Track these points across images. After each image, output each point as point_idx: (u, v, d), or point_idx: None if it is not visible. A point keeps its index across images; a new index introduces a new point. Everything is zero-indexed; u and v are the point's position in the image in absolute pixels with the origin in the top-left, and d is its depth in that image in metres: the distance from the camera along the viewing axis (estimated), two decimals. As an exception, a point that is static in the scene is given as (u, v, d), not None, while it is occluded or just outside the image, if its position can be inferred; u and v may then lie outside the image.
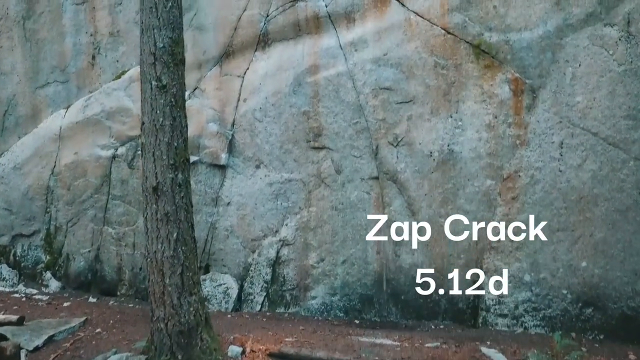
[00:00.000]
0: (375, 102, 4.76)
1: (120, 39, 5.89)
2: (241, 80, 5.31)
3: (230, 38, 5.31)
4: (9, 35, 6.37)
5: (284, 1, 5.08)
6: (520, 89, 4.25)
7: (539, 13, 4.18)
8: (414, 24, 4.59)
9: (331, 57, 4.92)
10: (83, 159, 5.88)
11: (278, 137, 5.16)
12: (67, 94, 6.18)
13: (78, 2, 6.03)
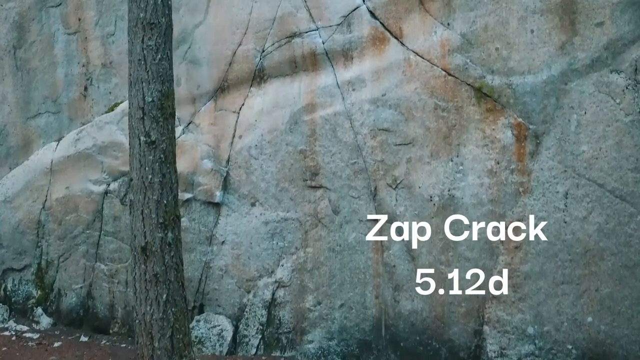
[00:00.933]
0: (373, 143, 4.62)
1: (113, 70, 5.75)
2: (236, 116, 5.17)
3: (225, 73, 5.18)
4: (0, 64, 6.23)
5: (280, 37, 4.94)
6: (523, 134, 4.11)
7: (542, 57, 4.04)
8: (413, 64, 4.45)
9: (328, 96, 4.78)
10: (75, 194, 5.74)
11: (274, 175, 5.02)
12: (59, 125, 6.04)
13: (70, 32, 5.89)
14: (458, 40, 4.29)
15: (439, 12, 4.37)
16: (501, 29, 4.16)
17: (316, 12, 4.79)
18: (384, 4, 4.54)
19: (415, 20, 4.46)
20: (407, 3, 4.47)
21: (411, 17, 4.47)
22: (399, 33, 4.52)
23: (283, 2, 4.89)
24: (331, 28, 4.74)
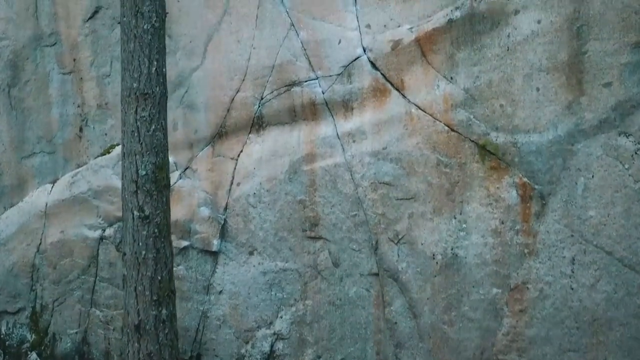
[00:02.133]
0: (374, 196, 4.51)
1: (109, 111, 5.64)
2: (234, 162, 5.06)
3: (223, 119, 5.07)
4: (-6, 102, 6.12)
5: (279, 85, 4.83)
6: (528, 194, 4.00)
7: (548, 116, 3.93)
8: (415, 118, 4.34)
9: (328, 147, 4.67)
10: (69, 238, 5.63)
11: (273, 224, 4.91)
12: (54, 165, 5.93)
13: (65, 72, 5.78)
14: (461, 95, 4.18)
15: (441, 65, 4.26)
16: (506, 86, 4.05)
17: (316, 61, 4.68)
18: (385, 55, 4.43)
19: (417, 72, 4.35)
20: (409, 55, 4.36)
21: (413, 69, 4.36)
22: (400, 85, 4.41)
23: (282, 50, 4.78)
24: (331, 78, 4.63)
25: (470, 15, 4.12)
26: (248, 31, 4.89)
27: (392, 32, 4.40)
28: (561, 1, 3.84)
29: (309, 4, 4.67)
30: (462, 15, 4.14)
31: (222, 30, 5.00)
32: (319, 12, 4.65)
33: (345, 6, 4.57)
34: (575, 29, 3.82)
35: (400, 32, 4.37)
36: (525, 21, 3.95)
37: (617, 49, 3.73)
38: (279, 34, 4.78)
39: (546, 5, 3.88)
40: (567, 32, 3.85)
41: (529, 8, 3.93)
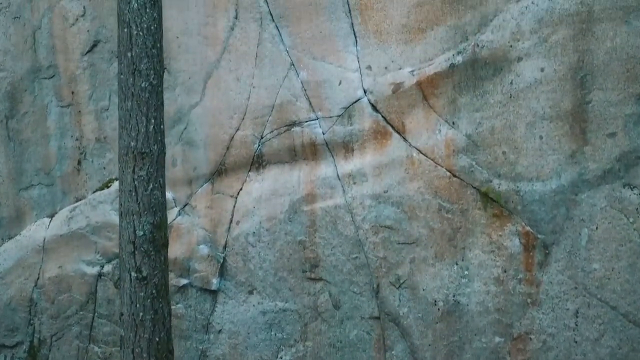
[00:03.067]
0: (375, 239, 4.46)
1: (107, 145, 5.59)
2: (234, 200, 5.01)
3: (223, 157, 5.01)
4: (-8, 134, 6.07)
5: (279, 124, 4.78)
6: (531, 243, 3.95)
7: (552, 164, 3.88)
8: (416, 162, 4.29)
9: (329, 187, 4.62)
10: (68, 274, 5.58)
11: (272, 264, 4.86)
12: (52, 197, 5.88)
13: (63, 105, 5.73)
14: (463, 141, 4.13)
15: (443, 109, 4.21)
16: (509, 133, 4.00)
17: (316, 101, 4.63)
18: (386, 97, 4.38)
19: (418, 116, 4.31)
20: (410, 98, 4.31)
21: (414, 113, 4.31)
22: (401, 128, 4.37)
23: (282, 90, 4.73)
24: (331, 119, 4.59)
25: (473, 61, 4.07)
26: (248, 69, 4.85)
27: (393, 75, 4.36)
28: (565, 50, 3.79)
29: (309, 44, 4.63)
30: (464, 61, 4.09)
31: (222, 68, 4.95)
32: (319, 52, 4.60)
33: (345, 47, 4.53)
34: (579, 78, 3.78)
35: (402, 75, 4.33)
36: (528, 68, 3.90)
37: (621, 99, 3.69)
38: (279, 74, 4.74)
39: (549, 54, 3.83)
40: (570, 81, 3.80)
41: (532, 56, 3.88)
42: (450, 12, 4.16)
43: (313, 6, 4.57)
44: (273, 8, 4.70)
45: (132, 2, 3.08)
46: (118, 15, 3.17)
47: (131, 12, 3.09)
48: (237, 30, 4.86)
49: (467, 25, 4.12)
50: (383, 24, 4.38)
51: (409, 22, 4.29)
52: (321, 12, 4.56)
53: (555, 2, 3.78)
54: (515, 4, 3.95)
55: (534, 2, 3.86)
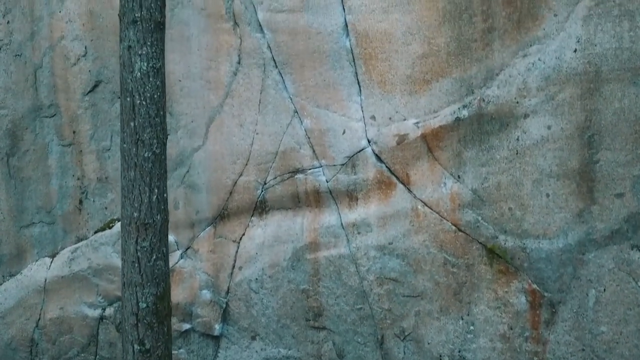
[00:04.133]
0: (380, 291, 4.42)
1: (109, 185, 5.55)
2: (236, 246, 4.97)
3: (225, 201, 4.98)
4: (-7, 171, 6.04)
5: (283, 171, 4.74)
6: (538, 301, 3.91)
7: (559, 223, 3.84)
8: (421, 214, 4.25)
9: (332, 236, 4.58)
10: (69, 315, 5.54)
11: (275, 311, 4.82)
12: (54, 236, 5.84)
13: (64, 144, 5.69)
14: (469, 196, 4.09)
15: (448, 162, 4.17)
16: (515, 189, 3.96)
17: (320, 149, 4.59)
18: (390, 148, 4.34)
19: (423, 167, 4.27)
20: (414, 150, 4.27)
21: (419, 165, 4.28)
22: (406, 179, 4.32)
23: (286, 137, 4.69)
24: (335, 167, 4.55)
25: (478, 115, 4.03)
26: (251, 115, 4.81)
27: (398, 126, 4.32)
28: (572, 109, 3.75)
29: (312, 92, 4.59)
30: (469, 115, 4.06)
31: (224, 113, 4.91)
32: (323, 100, 4.56)
33: (349, 96, 4.49)
34: (587, 137, 3.74)
35: (406, 126, 4.29)
36: (535, 125, 3.86)
37: (629, 160, 3.65)
38: (283, 121, 4.70)
39: (556, 112, 3.79)
40: (578, 140, 3.76)
41: (539, 113, 3.84)
42: (456, 65, 4.13)
43: (317, 54, 4.53)
44: (276, 55, 4.67)
45: (135, 71, 3.05)
46: (120, 84, 3.13)
47: (134, 81, 3.06)
48: (240, 75, 4.82)
49: (472, 78, 4.08)
50: (387, 74, 4.34)
51: (413, 73, 4.25)
52: (325, 60, 4.52)
53: (563, 61, 3.75)
54: (522, 60, 3.91)
55: (541, 59, 3.82)
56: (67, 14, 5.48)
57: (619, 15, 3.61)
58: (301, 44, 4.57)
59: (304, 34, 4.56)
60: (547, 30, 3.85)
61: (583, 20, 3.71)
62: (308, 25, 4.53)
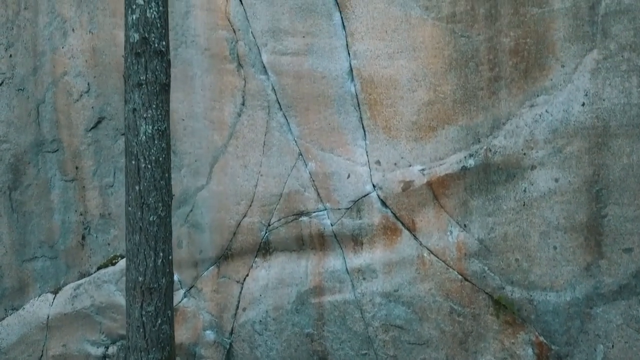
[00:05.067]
0: (385, 338, 4.39)
1: (112, 221, 5.53)
2: (240, 286, 4.94)
3: (229, 242, 4.95)
4: (-5, 204, 6.01)
5: (287, 214, 4.71)
6: (545, 354, 3.88)
7: (566, 276, 3.81)
8: (427, 262, 4.22)
9: (337, 281, 4.55)
10: (72, 353, 5.51)
11: (280, 353, 4.79)
12: (56, 270, 5.81)
13: (67, 179, 5.67)
14: (475, 245, 4.06)
15: (454, 210, 4.14)
16: (522, 241, 3.93)
17: (324, 193, 4.56)
18: (395, 194, 4.31)
19: (429, 215, 4.24)
20: (420, 197, 4.24)
21: (425, 211, 4.25)
22: (411, 226, 4.30)
23: (290, 180, 4.66)
24: (340, 211, 4.52)
25: (485, 165, 4.00)
26: (255, 157, 4.78)
27: (403, 172, 4.29)
28: (580, 162, 3.73)
29: (317, 135, 4.56)
30: (476, 164, 4.03)
31: (229, 154, 4.89)
32: (328, 144, 4.53)
33: (354, 140, 4.46)
34: (595, 191, 3.71)
35: (412, 172, 4.26)
36: (542, 177, 3.83)
37: (638, 215, 3.62)
38: (287, 163, 4.67)
39: (564, 165, 3.76)
40: (585, 194, 3.73)
41: (546, 165, 3.81)
42: (462, 112, 4.10)
43: (321, 98, 4.51)
44: (281, 97, 4.64)
45: (140, 134, 3.02)
46: (126, 146, 3.11)
47: (139, 144, 3.03)
48: (244, 117, 4.79)
49: (479, 126, 4.06)
50: (392, 120, 4.31)
51: (419, 119, 4.23)
52: (329, 104, 4.49)
53: (570, 114, 3.72)
54: (529, 110, 3.88)
55: (548, 111, 3.80)
56: (70, 50, 5.46)
57: (627, 71, 3.58)
58: (306, 87, 4.55)
59: (309, 78, 4.53)
60: (555, 81, 3.82)
61: (591, 74, 3.69)
62: (313, 69, 4.51)
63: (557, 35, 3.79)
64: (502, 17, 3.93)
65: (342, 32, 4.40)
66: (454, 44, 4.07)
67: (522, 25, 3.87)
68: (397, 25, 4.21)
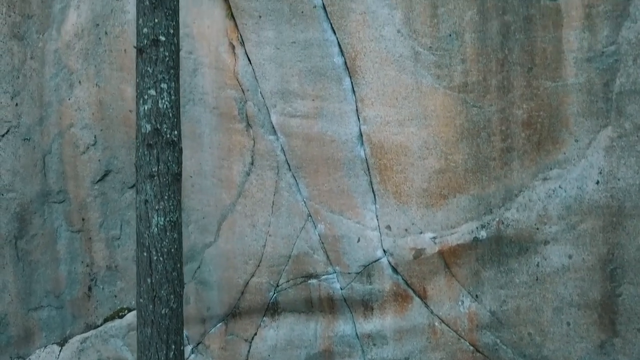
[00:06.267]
0: (395, 404, 4.35)
1: (119, 274, 5.49)
2: (248, 345, 4.90)
3: (237, 300, 4.91)
4: (0, 253, 5.97)
5: (296, 275, 4.68)
6: None
7: (580, 352, 3.78)
8: (438, 332, 4.19)
9: (347, 346, 4.52)
10: (78, 407, 5.48)
11: (288, 414, 4.76)
12: (62, 320, 5.78)
13: (73, 230, 5.64)
14: (487, 317, 4.03)
15: (466, 280, 4.11)
16: (535, 315, 3.89)
17: (334, 256, 4.53)
18: (407, 262, 4.27)
19: (440, 283, 4.20)
20: (431, 265, 4.21)
21: (436, 280, 4.21)
22: (423, 294, 4.26)
23: (299, 241, 4.63)
24: (350, 275, 4.48)
25: (497, 237, 3.97)
26: (264, 217, 4.75)
27: (414, 239, 4.25)
28: (594, 240, 3.69)
29: (326, 197, 4.53)
30: (488, 236, 3.99)
31: (237, 212, 4.85)
32: (337, 206, 4.50)
33: (364, 204, 4.43)
34: (609, 270, 3.68)
35: (423, 240, 4.22)
36: (555, 253, 3.80)
37: (653, 296, 3.58)
38: (296, 224, 4.64)
39: (578, 242, 3.73)
40: (600, 272, 3.70)
41: (560, 241, 3.78)
42: (474, 182, 4.07)
43: (331, 161, 4.47)
44: (290, 158, 4.61)
45: (152, 226, 2.99)
46: (137, 237, 3.08)
47: (151, 236, 3.00)
48: (252, 176, 4.76)
49: (490, 197, 4.03)
50: (403, 186, 4.28)
51: (430, 187, 4.19)
52: (339, 167, 4.46)
53: (584, 192, 3.69)
54: (542, 183, 3.85)
55: (562, 187, 3.76)
56: (77, 102, 5.43)
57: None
58: (315, 150, 4.52)
59: (318, 140, 4.50)
60: (568, 155, 3.79)
61: (605, 151, 3.65)
62: (322, 132, 4.48)
63: (570, 110, 3.76)
64: (515, 89, 3.90)
65: (352, 97, 4.37)
66: (466, 113, 4.04)
67: (535, 98, 3.84)
68: (407, 93, 4.18)
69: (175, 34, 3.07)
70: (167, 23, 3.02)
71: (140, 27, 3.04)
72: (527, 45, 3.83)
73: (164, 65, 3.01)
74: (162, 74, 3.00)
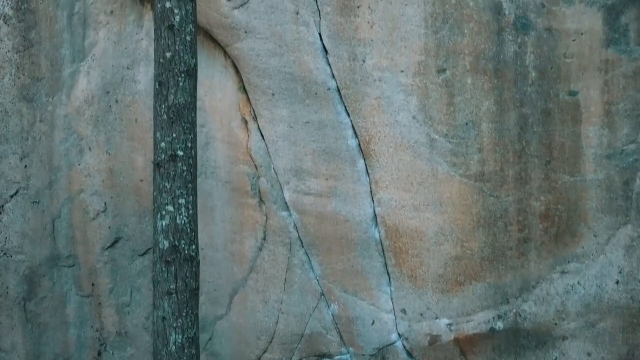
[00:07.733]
0: None
1: (129, 340, 5.46)
2: (261, 419, 4.87)
3: (249, 375, 4.88)
4: (9, 314, 5.93)
5: (309, 354, 4.65)
6: None
7: None
8: (454, 420, 4.15)
9: None
10: None
11: None
12: (71, 383, 5.74)
13: (83, 295, 5.60)
14: (504, 409, 3.99)
15: None
16: None
17: (348, 337, 4.49)
18: (422, 347, 4.24)
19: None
20: (447, 351, 4.17)
21: None
22: (438, 379, 4.22)
23: (312, 321, 4.59)
24: (364, 357, 4.45)
25: (514, 329, 3.94)
26: (276, 293, 4.71)
27: (430, 324, 4.22)
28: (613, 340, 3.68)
29: (340, 276, 4.49)
30: (505, 327, 3.95)
31: (249, 287, 4.82)
32: (351, 286, 4.46)
33: (378, 285, 4.39)
34: None
35: (439, 326, 4.19)
36: (574, 350, 3.77)
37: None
38: (309, 303, 4.60)
39: (597, 340, 3.69)
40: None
41: (579, 338, 3.74)
42: (490, 270, 4.03)
43: (344, 240, 4.44)
44: (303, 235, 4.57)
45: (169, 344, 2.96)
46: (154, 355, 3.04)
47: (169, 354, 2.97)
48: (265, 251, 4.73)
49: (507, 286, 3.99)
50: (418, 270, 4.24)
51: (445, 272, 4.16)
52: (353, 247, 4.42)
53: (604, 290, 3.65)
54: (560, 277, 3.81)
55: (581, 284, 3.73)
56: (87, 168, 5.39)
57: (664, 254, 3.52)
58: (329, 228, 4.48)
59: (332, 220, 4.46)
60: (587, 249, 3.75)
61: (625, 250, 3.62)
62: (336, 211, 4.44)
63: (589, 205, 3.73)
64: (533, 180, 3.87)
65: (366, 178, 4.33)
66: (482, 202, 4.01)
67: (553, 191, 3.81)
68: (423, 179, 4.14)
69: (192, 147, 3.04)
70: (185, 137, 2.99)
71: (157, 140, 3.01)
72: (545, 138, 3.80)
73: (182, 180, 2.98)
74: (180, 189, 2.97)
